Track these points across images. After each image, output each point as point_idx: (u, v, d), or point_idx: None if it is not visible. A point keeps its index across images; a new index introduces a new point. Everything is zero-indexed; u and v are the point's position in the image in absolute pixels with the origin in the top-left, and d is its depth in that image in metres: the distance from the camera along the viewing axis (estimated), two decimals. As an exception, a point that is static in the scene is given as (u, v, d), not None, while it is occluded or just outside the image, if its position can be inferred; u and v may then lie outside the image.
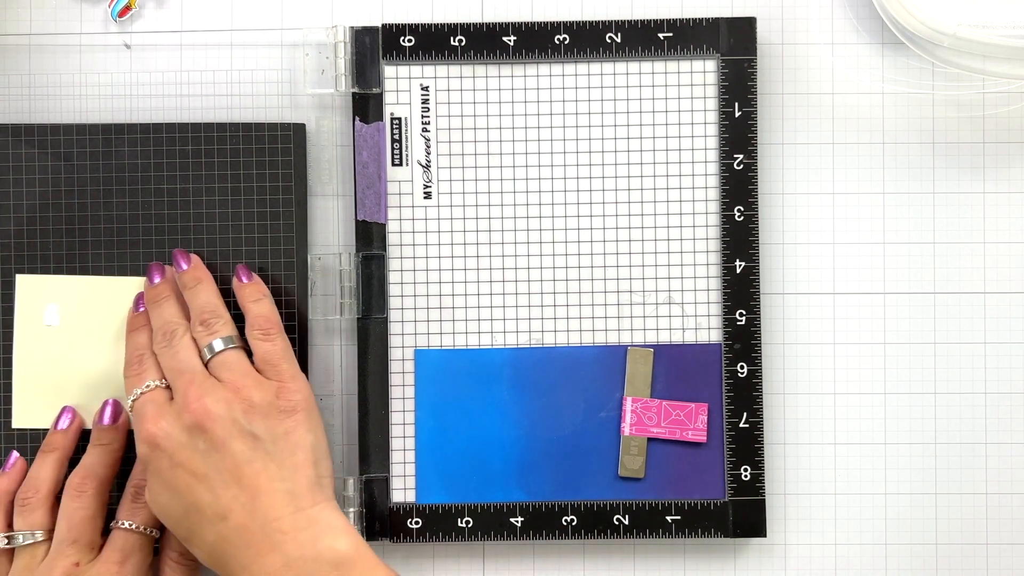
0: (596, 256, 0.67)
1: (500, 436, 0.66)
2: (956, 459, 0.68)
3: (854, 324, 0.68)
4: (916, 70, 0.68)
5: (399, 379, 0.67)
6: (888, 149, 0.68)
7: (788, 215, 0.68)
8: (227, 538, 0.57)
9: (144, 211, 0.66)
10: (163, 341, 0.63)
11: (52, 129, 0.66)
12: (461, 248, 0.67)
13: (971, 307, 0.68)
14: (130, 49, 0.68)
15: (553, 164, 0.67)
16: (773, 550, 0.68)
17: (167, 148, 0.66)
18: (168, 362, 0.62)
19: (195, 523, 0.58)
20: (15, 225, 0.66)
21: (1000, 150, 0.68)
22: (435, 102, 0.67)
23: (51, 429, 0.65)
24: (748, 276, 0.67)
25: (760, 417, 0.66)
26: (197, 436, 0.59)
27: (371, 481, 0.66)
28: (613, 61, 0.67)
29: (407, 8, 0.68)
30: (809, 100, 0.68)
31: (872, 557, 0.68)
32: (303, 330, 0.66)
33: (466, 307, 0.67)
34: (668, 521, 0.66)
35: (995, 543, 0.68)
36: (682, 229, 0.67)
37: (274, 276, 0.66)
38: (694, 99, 0.67)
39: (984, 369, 0.68)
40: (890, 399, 0.68)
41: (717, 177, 0.67)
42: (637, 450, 0.66)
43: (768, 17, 0.68)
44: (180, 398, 0.60)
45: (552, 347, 0.67)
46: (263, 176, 0.67)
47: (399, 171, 0.67)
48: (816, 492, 0.68)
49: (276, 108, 0.68)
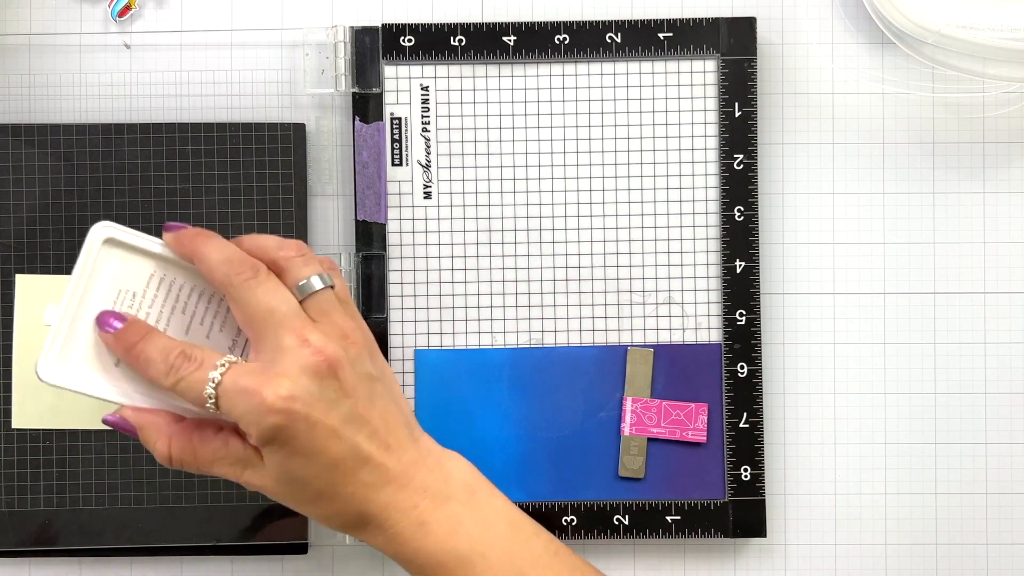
0: (596, 256, 0.67)
1: (500, 436, 0.66)
2: (956, 459, 0.68)
3: (854, 324, 0.68)
4: (916, 71, 0.68)
5: (399, 379, 0.67)
6: (888, 149, 0.68)
7: (788, 215, 0.68)
8: (368, 483, 0.55)
9: (144, 211, 0.66)
10: (247, 274, 0.54)
11: (52, 129, 0.66)
12: (461, 248, 0.67)
13: (971, 307, 0.68)
14: (130, 49, 0.68)
15: (553, 164, 0.67)
16: (773, 550, 0.68)
17: (167, 148, 0.66)
18: (261, 303, 0.54)
19: (334, 479, 0.54)
20: (15, 225, 0.66)
21: (999, 151, 0.68)
22: (435, 102, 0.67)
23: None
24: (748, 276, 0.67)
25: (760, 417, 0.66)
26: (328, 384, 0.53)
27: (371, 481, 0.66)
28: (613, 61, 0.67)
29: (407, 8, 0.68)
30: (809, 100, 0.68)
31: (872, 557, 0.68)
32: (303, 330, 0.66)
33: (466, 307, 0.67)
34: (668, 521, 0.66)
35: (995, 543, 0.68)
36: (682, 229, 0.67)
37: (274, 276, 0.66)
38: (694, 99, 0.67)
39: (984, 369, 0.68)
40: (890, 399, 0.68)
41: (717, 177, 0.67)
42: (637, 450, 0.66)
43: (768, 17, 0.68)
44: (295, 343, 0.53)
45: (552, 347, 0.67)
46: (263, 176, 0.67)
47: (399, 171, 0.67)
48: (816, 492, 0.68)
49: (276, 108, 0.68)
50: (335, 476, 0.54)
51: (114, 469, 0.66)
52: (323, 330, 0.54)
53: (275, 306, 0.54)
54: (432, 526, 0.55)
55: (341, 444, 0.54)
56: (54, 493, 0.66)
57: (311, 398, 0.53)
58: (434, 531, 0.55)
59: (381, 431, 0.55)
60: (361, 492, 0.55)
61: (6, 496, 0.66)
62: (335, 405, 0.53)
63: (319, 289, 0.55)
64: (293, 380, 0.52)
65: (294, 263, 0.55)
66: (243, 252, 0.55)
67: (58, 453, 0.66)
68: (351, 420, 0.54)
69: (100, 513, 0.66)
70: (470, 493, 0.57)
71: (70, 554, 0.67)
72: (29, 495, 0.66)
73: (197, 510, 0.66)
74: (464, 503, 0.56)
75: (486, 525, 0.56)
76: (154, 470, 0.66)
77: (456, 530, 0.55)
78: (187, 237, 0.56)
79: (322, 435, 0.53)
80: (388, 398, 0.56)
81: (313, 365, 0.53)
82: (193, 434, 0.56)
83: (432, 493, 0.56)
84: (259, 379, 0.53)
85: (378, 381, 0.56)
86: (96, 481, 0.66)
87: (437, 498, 0.56)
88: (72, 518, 0.66)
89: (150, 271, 0.57)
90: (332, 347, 0.53)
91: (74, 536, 0.66)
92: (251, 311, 0.54)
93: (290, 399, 0.52)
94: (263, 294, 0.54)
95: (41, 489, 0.66)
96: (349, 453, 0.54)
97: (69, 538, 0.66)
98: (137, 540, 0.66)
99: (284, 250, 0.56)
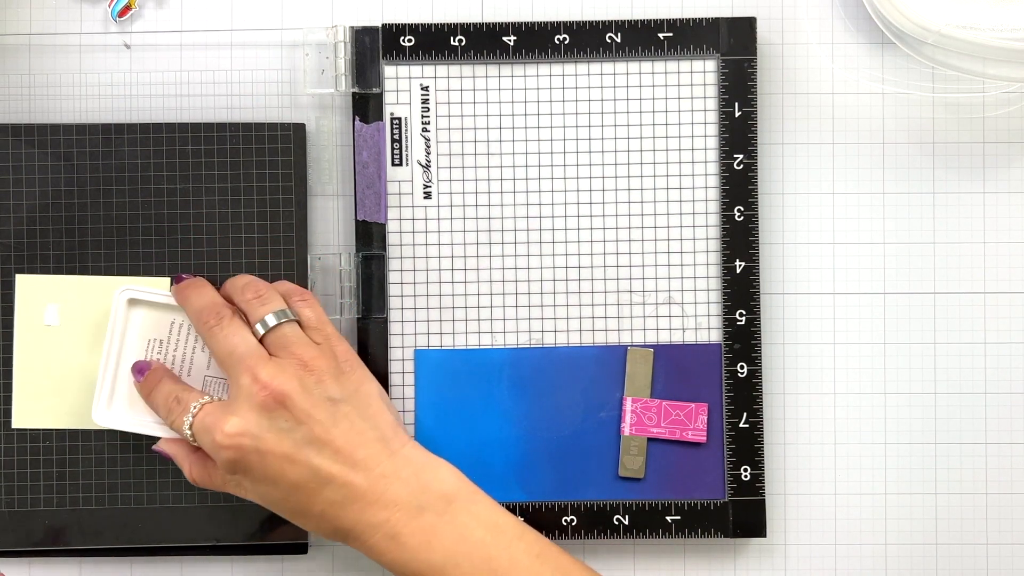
0: (596, 256, 0.67)
1: (500, 436, 0.66)
2: (956, 459, 0.68)
3: (854, 324, 0.68)
4: (916, 71, 0.68)
5: (399, 379, 0.67)
6: (888, 149, 0.68)
7: (788, 215, 0.68)
8: (335, 501, 0.58)
9: (144, 211, 0.66)
10: (212, 322, 0.61)
11: (52, 129, 0.66)
12: (461, 248, 0.67)
13: (971, 307, 0.68)
14: (130, 49, 0.68)
15: (553, 164, 0.67)
16: (773, 550, 0.68)
17: (167, 148, 0.66)
18: (222, 346, 0.60)
19: (300, 500, 0.59)
20: (15, 225, 0.66)
21: (999, 151, 0.68)
22: (435, 102, 0.67)
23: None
24: (748, 276, 0.67)
25: (760, 417, 0.66)
26: (278, 416, 0.58)
27: (371, 481, 0.66)
28: (613, 61, 0.67)
29: (407, 8, 0.68)
30: (809, 100, 0.68)
31: (872, 557, 0.68)
32: (303, 330, 0.66)
33: (466, 307, 0.67)
34: (668, 521, 0.66)
35: (995, 543, 0.68)
36: (682, 229, 0.67)
37: (274, 276, 0.66)
38: (694, 99, 0.67)
39: (984, 369, 0.68)
40: (890, 399, 0.68)
41: (717, 177, 0.67)
42: (637, 450, 0.66)
43: (768, 17, 0.68)
44: (248, 381, 0.59)
45: (552, 347, 0.67)
46: (263, 176, 0.67)
47: (399, 171, 0.67)
48: (816, 492, 0.68)
49: (276, 108, 0.68)
50: (300, 497, 0.58)
51: (114, 469, 0.66)
52: (278, 364, 0.59)
53: (233, 347, 0.60)
54: (405, 538, 0.58)
55: (297, 468, 0.58)
56: (54, 493, 0.66)
57: (259, 431, 0.58)
58: (407, 543, 0.58)
59: (346, 449, 0.58)
60: (330, 510, 0.58)
61: (6, 496, 0.66)
62: (287, 434, 0.58)
63: (273, 326, 0.60)
64: (242, 416, 0.58)
65: (251, 304, 0.61)
66: (217, 298, 0.62)
67: (58, 453, 0.66)
68: (307, 444, 0.58)
69: (100, 513, 0.66)
70: (447, 503, 0.59)
71: (70, 554, 0.67)
72: (29, 495, 0.66)
73: (197, 510, 0.66)
74: (440, 513, 0.58)
75: (462, 534, 0.58)
76: (154, 470, 0.66)
77: (430, 542, 0.58)
78: (180, 288, 0.63)
79: (275, 463, 0.58)
80: (355, 417, 0.60)
81: (260, 401, 0.58)
82: (206, 460, 0.62)
83: (404, 506, 0.58)
84: (216, 417, 0.59)
85: (343, 402, 0.59)
86: (96, 481, 0.66)
87: (410, 510, 0.58)
88: (72, 518, 0.66)
89: (171, 319, 0.64)
90: (279, 380, 0.58)
91: (74, 536, 0.66)
92: (217, 354, 0.61)
93: (238, 435, 0.58)
94: (223, 338, 0.60)
95: (41, 489, 0.66)
96: (308, 476, 0.58)
97: (69, 538, 0.66)
98: (137, 540, 0.66)
99: (244, 293, 0.62)
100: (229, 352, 0.60)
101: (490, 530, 0.59)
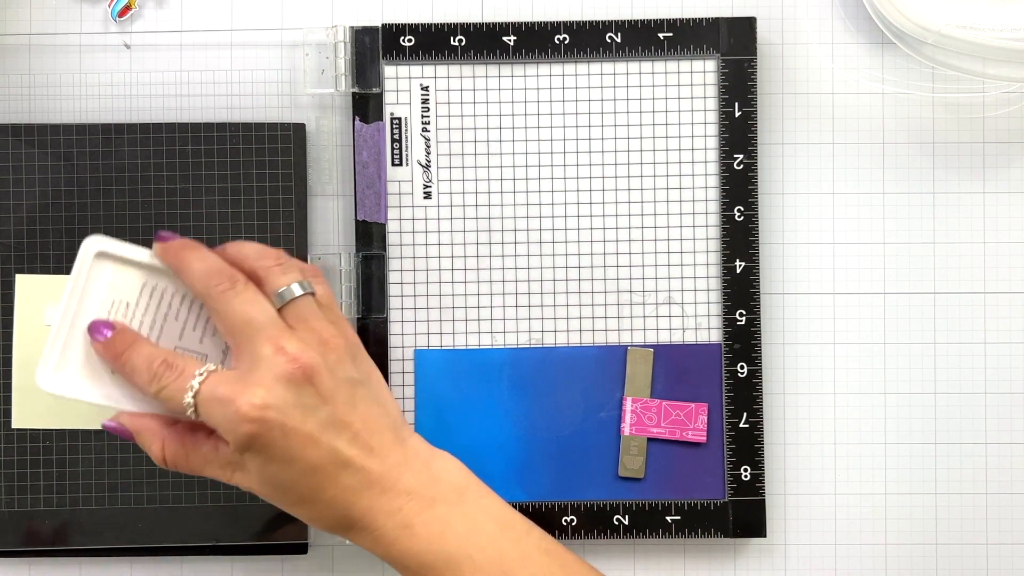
0: (596, 256, 0.67)
1: (500, 436, 0.66)
2: (956, 459, 0.68)
3: (854, 324, 0.68)
4: (916, 71, 0.68)
5: (399, 379, 0.67)
6: (888, 149, 0.68)
7: (788, 215, 0.68)
8: (348, 487, 0.55)
9: (144, 211, 0.66)
10: (225, 285, 0.55)
11: (52, 129, 0.66)
12: (461, 248, 0.67)
13: (971, 307, 0.68)
14: (130, 49, 0.68)
15: (553, 164, 0.67)
16: (773, 550, 0.68)
17: (167, 148, 0.66)
18: (238, 313, 0.55)
19: (313, 484, 0.55)
20: (15, 225, 0.66)
21: (999, 151, 0.68)
22: (435, 102, 0.67)
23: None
24: (748, 276, 0.67)
25: (760, 417, 0.66)
26: (304, 391, 0.54)
27: (371, 481, 0.66)
28: (613, 61, 0.67)
29: (407, 8, 0.68)
30: (809, 100, 0.68)
31: (872, 557, 0.68)
32: (303, 330, 0.66)
33: (466, 307, 0.67)
34: (668, 521, 0.66)
35: (995, 543, 0.68)
36: (682, 229, 0.67)
37: (274, 276, 0.66)
38: (694, 99, 0.67)
39: (984, 369, 0.68)
40: (890, 399, 0.68)
41: (717, 177, 0.67)
42: (637, 450, 0.66)
43: (768, 17, 0.68)
44: (270, 352, 0.54)
45: (552, 347, 0.67)
46: (263, 176, 0.67)
47: (399, 171, 0.67)
48: (816, 492, 0.68)
49: (276, 108, 0.68)
50: (315, 481, 0.55)
51: (114, 469, 0.66)
52: (301, 337, 0.55)
53: (252, 316, 0.55)
54: (418, 528, 0.56)
55: (319, 449, 0.54)
56: (54, 493, 0.66)
57: (286, 406, 0.53)
58: (420, 533, 0.56)
59: (363, 434, 0.55)
60: (343, 496, 0.55)
61: (6, 496, 0.66)
62: (312, 412, 0.54)
63: (297, 296, 0.56)
64: (268, 389, 0.53)
65: (272, 272, 0.56)
66: (224, 262, 0.56)
67: (58, 453, 0.66)
68: (330, 425, 0.54)
69: (100, 513, 0.66)
70: (458, 494, 0.57)
71: (70, 554, 0.67)
72: (29, 495, 0.66)
73: (197, 510, 0.66)
74: (452, 505, 0.56)
75: (474, 526, 0.56)
76: (154, 470, 0.66)
77: (443, 532, 0.56)
78: (173, 249, 0.57)
79: (298, 442, 0.54)
80: (371, 401, 0.56)
81: (288, 373, 0.53)
82: (186, 437, 0.57)
83: (418, 495, 0.56)
84: (235, 388, 0.54)
85: (361, 385, 0.56)
86: (96, 481, 0.66)
87: (423, 500, 0.56)
88: (72, 518, 0.66)
89: (142, 281, 0.57)
90: (308, 354, 0.54)
91: (74, 536, 0.66)
92: (229, 321, 0.55)
93: (264, 408, 0.53)
94: (240, 304, 0.55)
95: (41, 489, 0.66)
96: (328, 458, 0.54)
97: (69, 538, 0.66)
98: (137, 540, 0.66)
99: (263, 259, 0.57)
100: (247, 320, 0.55)
101: (500, 524, 0.57)
